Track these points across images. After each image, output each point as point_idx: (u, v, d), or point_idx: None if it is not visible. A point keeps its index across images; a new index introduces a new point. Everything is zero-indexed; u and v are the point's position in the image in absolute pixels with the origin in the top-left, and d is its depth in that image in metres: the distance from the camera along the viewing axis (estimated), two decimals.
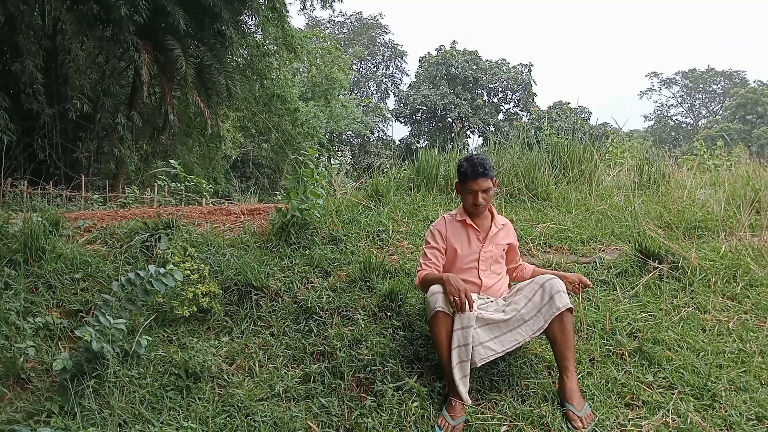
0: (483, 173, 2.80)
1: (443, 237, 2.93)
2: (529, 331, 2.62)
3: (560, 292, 2.60)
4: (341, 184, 5.74)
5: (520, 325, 2.62)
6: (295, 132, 19.82)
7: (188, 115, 14.91)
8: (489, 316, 2.63)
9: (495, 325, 2.62)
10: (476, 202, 2.84)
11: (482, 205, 2.86)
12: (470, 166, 2.84)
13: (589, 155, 5.63)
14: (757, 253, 3.94)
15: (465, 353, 2.54)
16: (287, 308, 3.30)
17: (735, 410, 2.56)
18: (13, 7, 10.52)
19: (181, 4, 11.10)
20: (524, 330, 2.62)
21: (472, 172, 2.82)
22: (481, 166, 2.81)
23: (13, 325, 3.04)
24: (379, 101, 39.59)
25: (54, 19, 11.92)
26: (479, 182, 2.81)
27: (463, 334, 2.54)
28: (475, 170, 2.81)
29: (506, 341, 2.62)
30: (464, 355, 2.54)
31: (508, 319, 2.62)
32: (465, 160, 2.90)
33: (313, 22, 38.20)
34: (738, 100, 38.00)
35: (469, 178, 2.84)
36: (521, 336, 2.62)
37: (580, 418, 2.48)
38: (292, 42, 15.28)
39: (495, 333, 2.62)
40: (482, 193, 2.83)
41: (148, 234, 3.93)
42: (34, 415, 2.51)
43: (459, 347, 2.54)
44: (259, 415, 2.55)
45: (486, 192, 2.83)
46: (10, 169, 10.04)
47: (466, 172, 2.85)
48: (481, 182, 2.81)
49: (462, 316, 2.53)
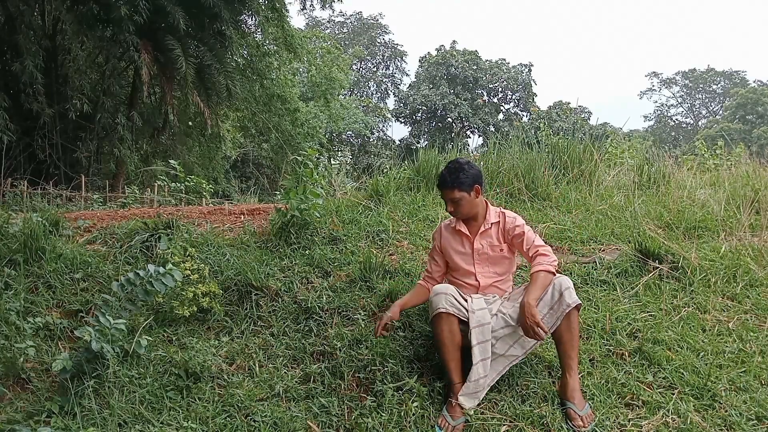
0: (449, 184, 2.79)
1: (439, 246, 3.00)
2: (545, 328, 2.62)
3: (569, 289, 2.60)
4: (341, 184, 5.75)
5: None
6: (295, 132, 19.80)
7: (188, 115, 14.90)
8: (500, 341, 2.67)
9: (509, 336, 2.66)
10: (447, 209, 2.87)
11: (455, 213, 2.85)
12: (441, 175, 2.84)
13: (589, 155, 5.62)
14: (757, 253, 3.94)
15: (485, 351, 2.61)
16: (287, 308, 3.30)
17: (735, 410, 2.56)
18: (13, 7, 10.52)
19: (181, 4, 11.09)
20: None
21: (441, 181, 2.84)
22: (449, 177, 2.79)
23: (13, 325, 3.04)
24: (379, 101, 39.55)
25: (54, 19, 11.92)
26: (446, 192, 2.82)
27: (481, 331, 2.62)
28: (443, 180, 2.82)
29: (526, 343, 2.66)
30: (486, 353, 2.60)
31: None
32: (445, 165, 2.90)
33: (313, 22, 38.19)
34: (738, 100, 37.97)
35: (437, 186, 2.89)
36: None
37: (580, 417, 2.48)
38: (292, 42, 15.25)
39: (514, 339, 2.66)
40: (451, 203, 2.82)
41: (148, 234, 3.93)
42: (34, 415, 2.51)
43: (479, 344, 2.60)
44: (259, 415, 2.55)
45: (455, 202, 2.80)
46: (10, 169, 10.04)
47: (438, 179, 2.88)
48: (447, 192, 2.81)
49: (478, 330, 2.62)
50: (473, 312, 2.64)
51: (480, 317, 2.63)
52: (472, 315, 2.64)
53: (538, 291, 2.59)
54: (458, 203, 2.80)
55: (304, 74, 24.69)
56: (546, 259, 2.69)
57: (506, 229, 2.86)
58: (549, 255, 2.72)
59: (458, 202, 2.80)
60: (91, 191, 10.79)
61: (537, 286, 2.60)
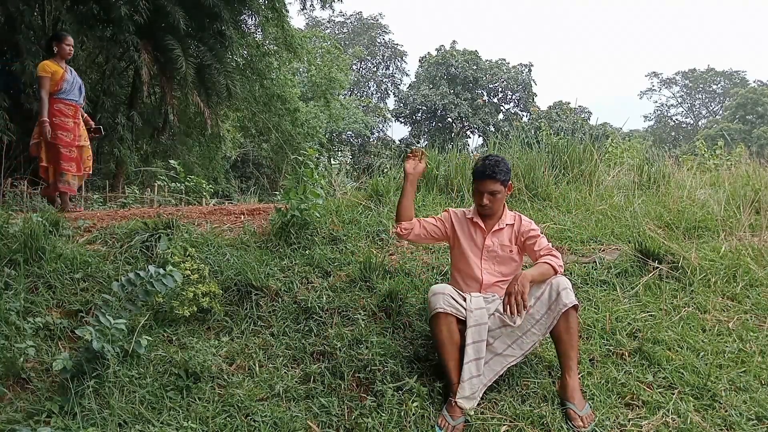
0: (490, 175, 2.79)
1: (450, 221, 2.98)
2: (542, 329, 2.64)
3: (567, 289, 2.61)
4: (341, 184, 5.75)
5: (533, 326, 2.65)
6: (295, 132, 19.78)
7: (188, 115, 14.89)
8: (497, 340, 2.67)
9: (507, 335, 2.67)
10: (481, 202, 2.84)
11: (488, 207, 2.83)
12: (481, 165, 2.84)
13: (589, 155, 5.63)
14: (757, 253, 3.94)
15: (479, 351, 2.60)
16: (287, 308, 3.30)
17: (735, 410, 2.56)
18: (13, 7, 10.50)
19: (181, 4, 11.08)
20: (537, 329, 2.64)
21: (481, 172, 2.83)
22: (490, 168, 2.80)
23: (13, 325, 3.03)
24: (379, 101, 39.55)
25: (54, 19, 11.90)
26: (485, 183, 2.81)
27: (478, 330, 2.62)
28: (484, 171, 2.81)
29: (524, 344, 2.66)
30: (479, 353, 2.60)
31: (521, 324, 2.65)
32: (481, 158, 2.91)
33: (313, 22, 38.17)
34: (738, 100, 37.96)
35: (476, 178, 2.85)
36: (536, 336, 2.65)
37: (580, 417, 2.48)
38: (292, 42, 15.24)
39: (512, 338, 2.66)
40: (488, 195, 2.81)
41: (148, 234, 3.93)
42: (34, 415, 2.51)
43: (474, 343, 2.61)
44: (259, 415, 2.55)
45: (492, 194, 2.81)
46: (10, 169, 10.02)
47: (476, 170, 2.86)
48: (486, 184, 2.81)
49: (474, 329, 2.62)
50: (471, 311, 2.65)
51: (478, 317, 2.64)
52: (469, 314, 2.64)
53: (537, 273, 2.64)
54: (495, 196, 2.81)
55: (304, 74, 24.68)
56: (555, 259, 2.73)
57: (521, 231, 2.89)
58: (558, 258, 2.76)
59: (495, 195, 2.81)
60: (91, 191, 10.79)
61: (538, 270, 2.65)
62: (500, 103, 37.47)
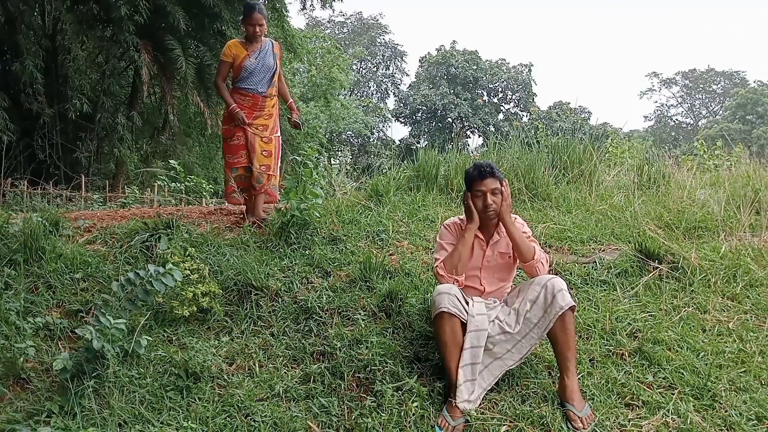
0: (489, 173, 2.81)
1: (454, 236, 2.92)
2: (539, 332, 2.64)
3: (562, 291, 2.61)
4: (341, 184, 5.75)
5: (531, 329, 2.65)
6: (295, 132, 19.79)
7: (188, 115, 14.89)
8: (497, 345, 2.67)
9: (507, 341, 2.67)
10: (486, 203, 2.79)
11: (493, 207, 2.80)
12: (476, 168, 2.85)
13: (589, 155, 5.62)
14: (757, 253, 3.94)
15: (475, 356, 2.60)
16: (287, 308, 3.30)
17: (735, 410, 2.56)
18: (13, 7, 10.51)
19: (181, 4, 11.08)
20: (535, 332, 2.65)
21: (479, 173, 2.83)
22: (487, 167, 2.82)
23: (13, 325, 3.03)
24: (379, 101, 39.54)
25: (54, 19, 11.91)
26: (486, 182, 2.81)
27: (477, 336, 2.62)
28: (482, 171, 2.82)
29: (523, 348, 2.67)
30: (475, 358, 2.60)
31: (519, 329, 2.65)
32: (471, 166, 2.92)
33: (313, 22, 38.18)
34: (738, 100, 37.94)
35: (476, 179, 2.84)
36: (533, 339, 2.66)
37: (580, 419, 2.48)
38: (292, 42, 15.23)
39: (512, 343, 2.67)
40: (491, 195, 2.80)
41: (148, 234, 3.93)
42: (34, 415, 2.51)
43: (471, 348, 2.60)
44: (259, 415, 2.55)
45: (495, 194, 2.80)
46: (10, 169, 10.03)
47: (473, 174, 2.85)
48: (488, 182, 2.81)
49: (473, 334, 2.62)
50: (472, 316, 2.66)
51: (478, 323, 2.64)
52: (470, 319, 2.65)
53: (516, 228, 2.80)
54: (497, 195, 2.81)
55: (304, 74, 24.67)
56: (541, 252, 2.83)
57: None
58: (544, 254, 2.85)
59: (497, 194, 2.81)
60: (91, 191, 10.79)
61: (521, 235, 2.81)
62: (500, 103, 37.47)
